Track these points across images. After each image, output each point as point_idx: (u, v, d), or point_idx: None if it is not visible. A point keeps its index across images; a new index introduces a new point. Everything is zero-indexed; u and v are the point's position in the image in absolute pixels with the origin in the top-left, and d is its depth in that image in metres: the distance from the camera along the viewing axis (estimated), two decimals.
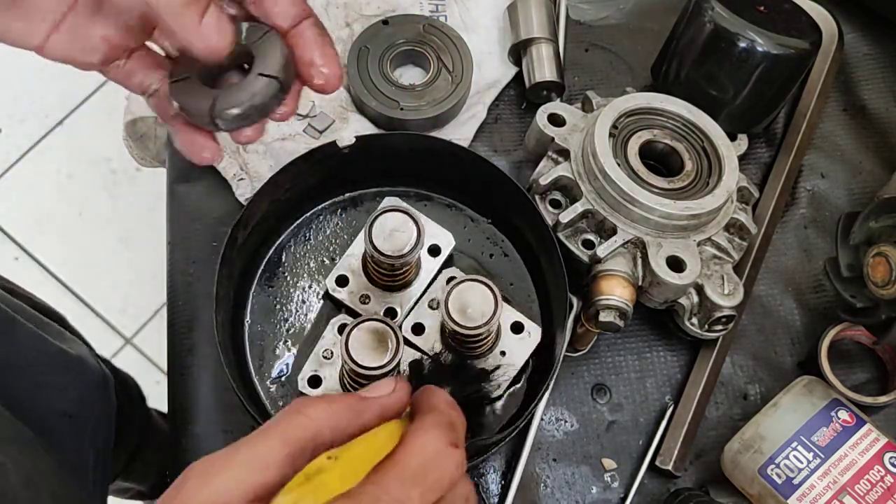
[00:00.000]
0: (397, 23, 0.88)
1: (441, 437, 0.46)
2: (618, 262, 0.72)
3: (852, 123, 0.91)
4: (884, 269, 0.71)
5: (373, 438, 0.47)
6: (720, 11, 0.77)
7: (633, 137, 0.76)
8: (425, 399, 0.50)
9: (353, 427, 0.46)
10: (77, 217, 1.82)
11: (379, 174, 0.79)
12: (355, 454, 0.46)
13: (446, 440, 0.45)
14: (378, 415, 0.48)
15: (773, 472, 0.70)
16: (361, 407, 0.47)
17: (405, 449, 0.45)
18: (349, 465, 0.45)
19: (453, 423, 0.47)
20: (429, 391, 0.51)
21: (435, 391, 0.51)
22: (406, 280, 0.74)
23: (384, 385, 0.49)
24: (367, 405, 0.47)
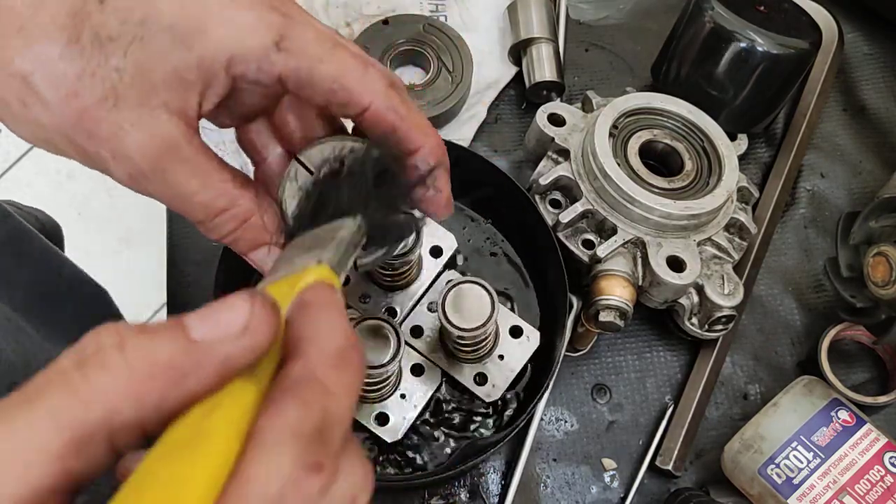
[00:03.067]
0: (397, 23, 0.88)
1: (292, 457, 0.30)
2: (618, 262, 0.72)
3: (852, 123, 0.91)
4: (884, 268, 0.71)
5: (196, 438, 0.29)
6: (720, 11, 0.77)
7: (633, 137, 0.76)
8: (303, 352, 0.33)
9: (173, 401, 0.30)
10: (77, 217, 1.82)
11: None
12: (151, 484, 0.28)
13: (302, 464, 0.30)
14: (216, 376, 0.31)
15: (773, 472, 0.70)
16: (187, 363, 0.31)
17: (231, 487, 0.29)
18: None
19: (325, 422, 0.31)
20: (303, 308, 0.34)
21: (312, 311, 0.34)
22: (407, 280, 0.74)
23: (230, 315, 0.32)
24: (196, 360, 0.31)
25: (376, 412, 0.69)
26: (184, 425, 0.30)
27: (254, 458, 0.30)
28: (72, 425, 0.29)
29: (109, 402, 0.30)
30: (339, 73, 0.46)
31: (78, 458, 0.29)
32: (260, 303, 0.32)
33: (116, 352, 0.30)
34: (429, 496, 0.73)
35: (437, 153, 0.51)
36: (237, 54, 0.44)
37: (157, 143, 0.44)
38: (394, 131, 0.48)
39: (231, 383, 0.31)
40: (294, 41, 0.45)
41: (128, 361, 0.30)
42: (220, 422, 0.30)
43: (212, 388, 0.31)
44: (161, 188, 0.45)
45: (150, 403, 0.30)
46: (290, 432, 0.30)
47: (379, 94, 0.47)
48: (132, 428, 0.30)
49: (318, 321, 0.34)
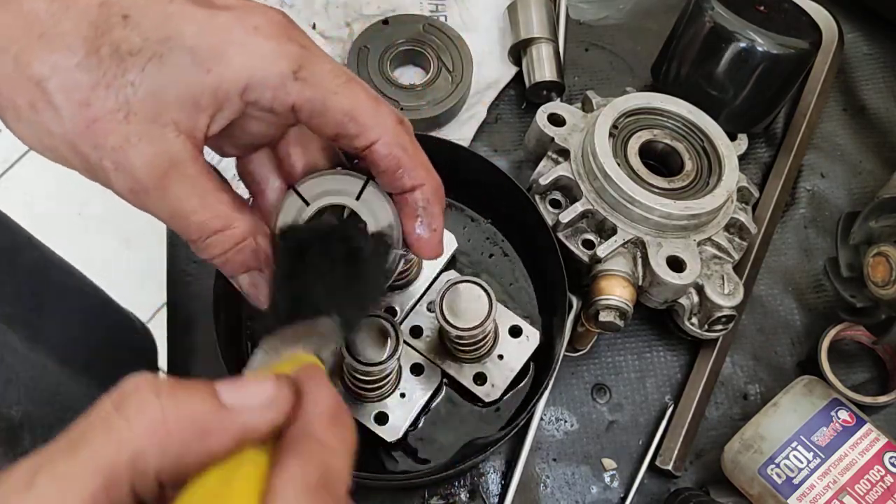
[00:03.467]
0: (397, 23, 0.88)
1: None
2: (618, 261, 0.72)
3: (852, 123, 0.91)
4: (884, 268, 0.71)
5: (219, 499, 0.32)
6: (720, 11, 0.77)
7: (633, 137, 0.76)
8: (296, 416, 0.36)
9: (194, 455, 0.33)
10: (77, 217, 1.82)
11: None
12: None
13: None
14: (235, 440, 0.34)
15: (773, 472, 0.70)
16: (213, 423, 0.33)
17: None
18: None
19: (327, 473, 0.34)
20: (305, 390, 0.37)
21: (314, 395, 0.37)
22: (407, 280, 0.74)
23: (257, 390, 0.35)
24: (221, 421, 0.33)
25: (376, 411, 0.69)
26: (205, 486, 0.32)
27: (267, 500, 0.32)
28: (106, 468, 0.31)
29: (139, 443, 0.32)
30: (352, 106, 0.47)
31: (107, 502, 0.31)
32: (285, 382, 0.36)
33: (153, 397, 0.32)
34: (429, 496, 0.73)
35: (438, 193, 0.52)
36: (254, 82, 0.45)
37: (161, 159, 0.45)
38: (399, 167, 0.50)
39: (246, 450, 0.34)
40: (311, 72, 0.46)
41: (162, 408, 0.32)
42: (240, 484, 0.33)
43: (229, 450, 0.34)
44: (160, 204, 0.46)
45: (171, 452, 0.32)
46: (299, 485, 0.33)
47: (388, 130, 0.49)
48: (151, 476, 0.32)
49: (311, 390, 0.37)
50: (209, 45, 0.44)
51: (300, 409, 0.36)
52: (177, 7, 0.44)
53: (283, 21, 0.47)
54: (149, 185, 0.45)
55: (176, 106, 0.44)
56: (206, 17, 0.44)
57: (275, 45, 0.45)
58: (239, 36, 0.45)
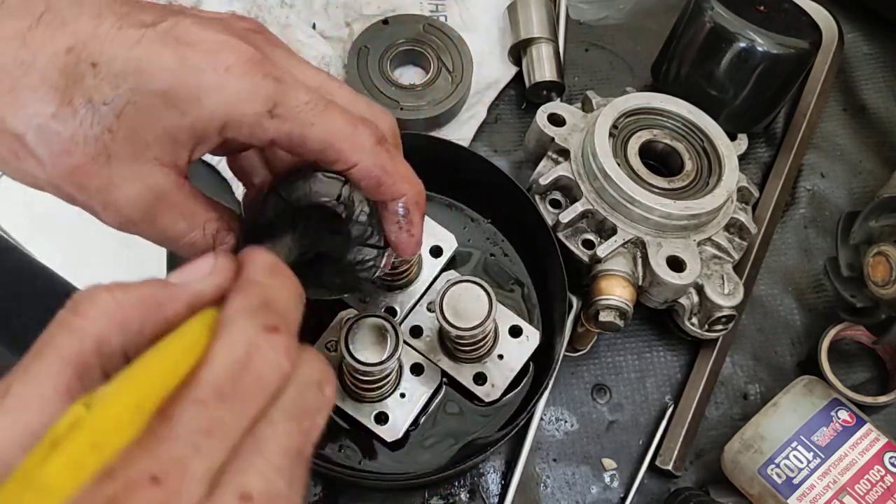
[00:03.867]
0: (397, 23, 0.88)
1: (249, 325, 0.35)
2: (618, 262, 0.72)
3: (852, 123, 0.91)
4: (884, 268, 0.71)
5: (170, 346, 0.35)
6: (720, 11, 0.77)
7: (633, 137, 0.76)
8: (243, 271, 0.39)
9: (152, 325, 0.36)
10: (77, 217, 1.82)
11: None
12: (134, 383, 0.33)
13: (258, 326, 0.35)
14: (187, 305, 0.37)
15: (773, 472, 0.70)
16: (163, 296, 0.37)
17: (205, 358, 0.34)
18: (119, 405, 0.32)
19: (268, 300, 0.37)
20: (244, 257, 0.40)
21: (251, 256, 0.40)
22: (407, 279, 0.74)
23: (199, 265, 0.39)
24: (171, 293, 0.37)
25: (376, 411, 0.69)
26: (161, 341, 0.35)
27: (220, 333, 0.35)
28: (73, 358, 0.33)
29: (99, 330, 0.34)
30: (328, 135, 0.48)
31: (82, 390, 0.33)
32: (222, 254, 0.40)
33: (105, 292, 0.35)
34: (429, 496, 0.73)
35: (419, 202, 0.54)
36: (231, 121, 0.46)
37: (146, 195, 0.47)
38: (379, 184, 0.51)
39: (201, 313, 0.37)
40: (286, 108, 0.47)
41: (114, 297, 0.35)
42: (192, 323, 0.36)
43: (183, 317, 0.37)
44: (150, 232, 0.49)
45: (132, 329, 0.35)
46: (240, 309, 0.36)
47: (367, 153, 0.50)
48: (119, 354, 0.35)
49: (253, 253, 0.40)
50: (182, 88, 0.45)
51: (241, 269, 0.39)
52: (144, 50, 0.44)
53: (255, 56, 0.46)
54: (136, 218, 0.48)
55: (155, 145, 0.46)
56: (176, 60, 0.44)
57: (248, 85, 0.45)
58: (211, 78, 0.45)
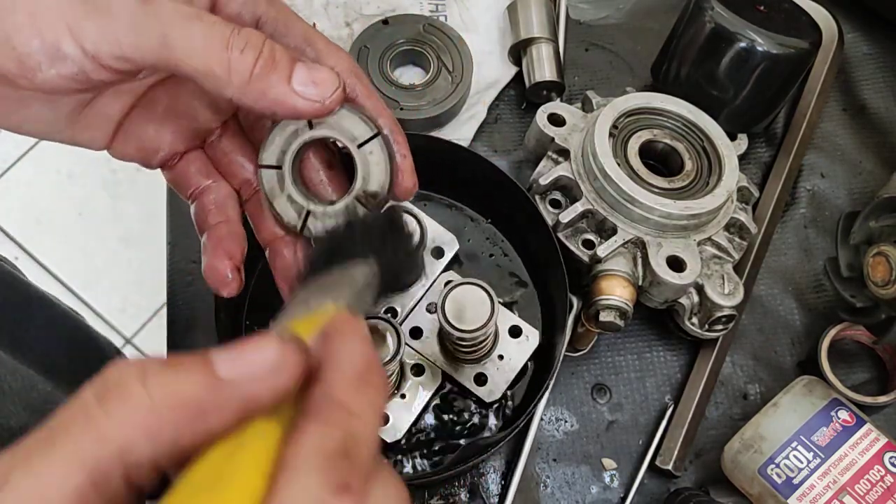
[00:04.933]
0: (397, 23, 0.88)
1: (319, 484, 0.29)
2: (618, 261, 0.72)
3: (852, 123, 0.91)
4: (884, 268, 0.71)
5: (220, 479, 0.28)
6: (720, 11, 0.77)
7: (633, 137, 0.76)
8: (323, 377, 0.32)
9: (190, 436, 0.30)
10: (77, 217, 1.82)
11: None
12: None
13: (330, 487, 0.29)
14: (237, 415, 0.30)
15: (773, 472, 0.70)
16: (209, 402, 0.30)
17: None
18: None
19: (349, 442, 0.31)
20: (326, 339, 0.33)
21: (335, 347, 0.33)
22: None
23: (258, 356, 0.31)
24: (218, 400, 0.30)
25: None
26: (205, 466, 0.29)
27: (281, 485, 0.29)
28: (89, 463, 0.29)
29: (126, 436, 0.29)
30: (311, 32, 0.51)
31: (97, 495, 0.29)
32: (292, 341, 0.32)
33: (139, 385, 0.29)
34: (429, 496, 0.73)
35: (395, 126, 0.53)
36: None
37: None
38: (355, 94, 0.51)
39: (253, 422, 0.30)
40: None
41: (150, 395, 0.29)
42: (243, 460, 0.29)
43: (232, 426, 0.30)
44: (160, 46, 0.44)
45: (166, 439, 0.29)
46: (314, 454, 0.29)
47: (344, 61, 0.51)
48: (146, 464, 0.29)
49: (338, 347, 0.33)
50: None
51: (322, 368, 0.32)
52: None
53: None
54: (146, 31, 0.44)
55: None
56: None
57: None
58: None
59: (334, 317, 0.35)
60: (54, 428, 0.29)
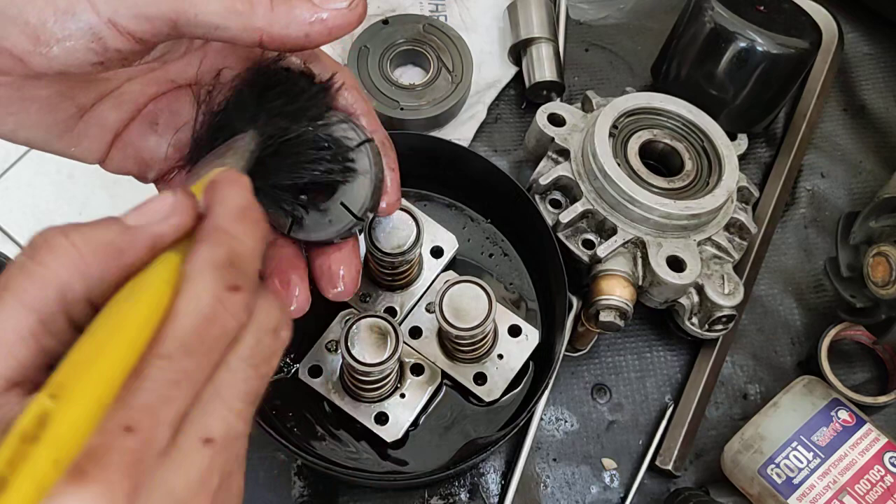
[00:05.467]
0: (397, 23, 0.88)
1: (213, 283, 0.35)
2: (618, 261, 0.72)
3: (852, 123, 0.91)
4: (884, 268, 0.71)
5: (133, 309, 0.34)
6: (720, 11, 0.77)
7: (633, 137, 0.76)
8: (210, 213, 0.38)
9: (114, 271, 0.35)
10: (77, 217, 1.81)
11: None
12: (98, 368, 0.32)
13: (222, 285, 0.35)
14: (148, 250, 0.36)
15: (773, 472, 0.70)
16: (123, 241, 0.36)
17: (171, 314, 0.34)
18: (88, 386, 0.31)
19: (233, 255, 0.36)
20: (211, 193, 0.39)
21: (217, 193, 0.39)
22: (407, 280, 0.74)
23: (157, 205, 0.37)
24: (131, 239, 0.36)
25: (376, 412, 0.69)
26: (126, 288, 0.35)
27: (181, 292, 0.35)
28: (36, 306, 0.33)
29: (61, 279, 0.34)
30: None
31: (47, 335, 0.34)
32: (181, 192, 0.38)
33: (62, 237, 0.34)
34: (428, 496, 0.73)
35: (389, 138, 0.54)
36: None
37: None
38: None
39: (160, 255, 0.36)
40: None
41: (73, 244, 0.34)
42: (154, 276, 0.35)
43: (146, 261, 0.36)
44: None
45: (94, 277, 0.35)
46: (206, 264, 0.35)
47: None
48: (82, 301, 0.35)
49: (221, 191, 0.39)
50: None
51: (209, 207, 0.38)
52: None
53: None
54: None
55: None
56: None
57: None
58: None
59: (220, 171, 0.41)
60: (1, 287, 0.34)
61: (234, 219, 0.38)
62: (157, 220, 0.37)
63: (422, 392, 0.70)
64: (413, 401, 0.70)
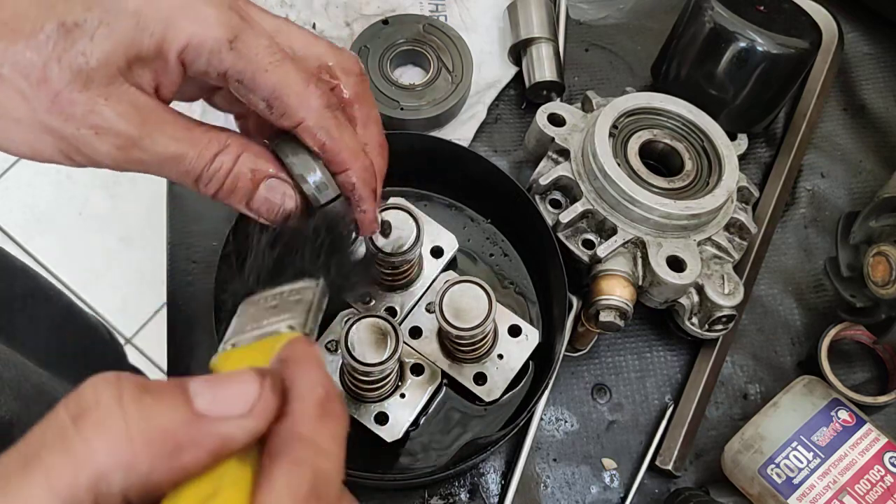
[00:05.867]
0: (397, 23, 0.88)
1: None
2: (618, 261, 0.72)
3: (852, 123, 0.91)
4: (884, 268, 0.71)
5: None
6: (720, 11, 0.77)
7: (633, 137, 0.76)
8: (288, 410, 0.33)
9: (163, 471, 0.29)
10: (77, 217, 1.82)
11: None
12: None
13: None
14: (211, 455, 0.30)
15: (773, 472, 0.70)
16: (185, 436, 0.30)
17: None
18: None
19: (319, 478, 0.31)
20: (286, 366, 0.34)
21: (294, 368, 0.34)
22: (408, 280, 0.74)
23: (237, 391, 0.31)
24: (195, 436, 0.30)
25: (376, 412, 0.69)
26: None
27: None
28: (64, 491, 0.28)
29: (99, 466, 0.29)
30: (279, 84, 0.48)
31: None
32: (269, 384, 0.32)
33: (116, 409, 0.29)
34: (428, 496, 0.73)
35: (365, 178, 0.53)
36: (192, 45, 0.46)
37: (136, 110, 0.46)
38: (323, 150, 0.50)
39: (225, 463, 0.31)
40: (246, 44, 0.47)
41: (126, 423, 0.29)
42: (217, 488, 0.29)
43: (205, 466, 0.30)
44: (151, 151, 0.46)
45: (139, 473, 0.29)
46: (287, 499, 0.30)
47: (312, 112, 0.49)
48: (117, 496, 0.29)
49: (298, 377, 0.34)
50: (151, 11, 0.45)
51: (286, 405, 0.33)
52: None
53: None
54: (134, 134, 0.46)
55: (127, 69, 0.46)
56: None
57: (215, 13, 0.46)
58: (180, 1, 0.46)
59: (292, 341, 0.36)
60: (30, 449, 0.29)
61: (317, 418, 0.32)
62: (232, 414, 0.31)
63: (422, 392, 0.70)
64: (413, 401, 0.70)
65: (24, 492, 0.28)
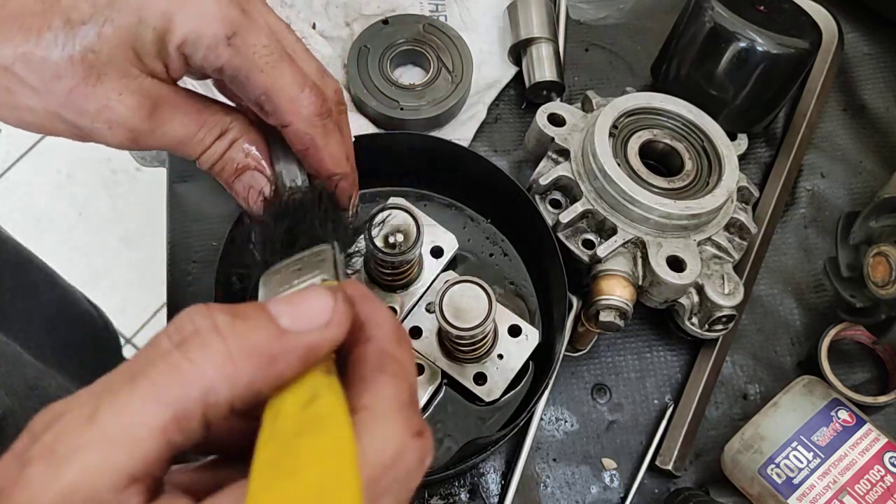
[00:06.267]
0: (397, 22, 0.88)
1: (403, 427, 0.34)
2: (618, 261, 0.72)
3: (852, 123, 0.91)
4: (884, 268, 0.71)
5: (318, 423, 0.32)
6: (720, 11, 0.77)
7: (633, 137, 0.76)
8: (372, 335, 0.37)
9: (262, 380, 0.33)
10: (77, 217, 1.83)
11: (379, 174, 0.79)
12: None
13: (409, 431, 0.34)
14: (302, 361, 0.34)
15: (773, 472, 0.70)
16: (277, 348, 0.34)
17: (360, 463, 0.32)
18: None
19: (413, 394, 0.36)
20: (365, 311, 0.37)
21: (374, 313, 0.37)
22: (407, 280, 0.74)
23: (315, 306, 0.35)
24: (284, 346, 0.34)
25: None
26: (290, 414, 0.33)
27: (370, 429, 0.33)
28: (174, 403, 0.32)
29: (208, 381, 0.32)
30: (272, 86, 0.49)
31: (179, 433, 0.32)
32: (342, 297, 0.36)
33: (214, 334, 0.33)
34: (429, 496, 0.73)
35: (342, 185, 0.54)
36: (190, 39, 0.47)
37: (146, 102, 0.47)
38: (306, 155, 0.52)
39: (314, 371, 0.34)
40: (244, 41, 0.48)
41: (226, 344, 0.33)
42: (327, 408, 0.33)
43: (297, 373, 0.34)
44: (162, 139, 0.49)
45: (242, 384, 0.33)
46: (395, 405, 0.34)
47: (301, 118, 0.50)
48: (223, 405, 0.33)
49: (371, 309, 0.38)
50: (152, 5, 0.46)
51: (365, 329, 0.37)
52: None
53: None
54: (144, 127, 0.48)
55: (136, 61, 0.47)
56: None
57: (216, 7, 0.47)
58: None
59: (348, 284, 0.39)
60: (136, 370, 0.32)
61: (397, 341, 0.37)
62: (314, 327, 0.35)
63: (422, 392, 0.70)
64: None
65: (134, 405, 0.31)
